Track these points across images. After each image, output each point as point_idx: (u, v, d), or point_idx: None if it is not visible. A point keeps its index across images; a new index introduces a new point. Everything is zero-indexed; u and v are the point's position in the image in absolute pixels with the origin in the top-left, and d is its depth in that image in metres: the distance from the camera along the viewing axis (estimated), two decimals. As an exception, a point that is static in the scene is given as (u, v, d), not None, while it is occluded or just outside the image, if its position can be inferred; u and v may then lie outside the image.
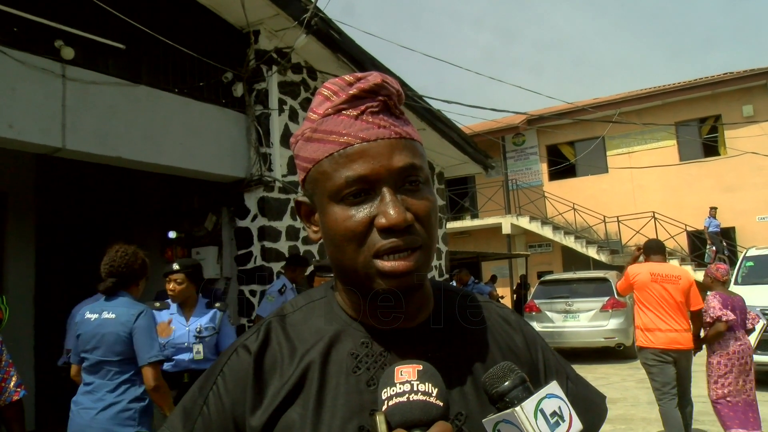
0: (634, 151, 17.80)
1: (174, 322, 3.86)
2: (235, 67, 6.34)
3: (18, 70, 4.44)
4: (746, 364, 4.80)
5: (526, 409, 0.68)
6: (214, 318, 3.91)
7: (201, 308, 3.93)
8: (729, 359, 4.80)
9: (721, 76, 16.67)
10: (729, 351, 4.80)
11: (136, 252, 3.27)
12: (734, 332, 4.83)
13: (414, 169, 0.78)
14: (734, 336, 4.83)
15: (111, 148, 5.08)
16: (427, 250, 0.79)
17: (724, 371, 4.80)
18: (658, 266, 5.06)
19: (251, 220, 6.37)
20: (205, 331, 3.83)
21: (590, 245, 16.53)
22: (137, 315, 3.07)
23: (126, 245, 3.30)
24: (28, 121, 4.49)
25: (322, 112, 0.80)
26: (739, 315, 4.91)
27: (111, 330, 3.05)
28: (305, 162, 0.82)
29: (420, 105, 8.09)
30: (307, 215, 0.87)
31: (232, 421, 0.81)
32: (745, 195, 16.02)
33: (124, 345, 3.04)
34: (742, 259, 9.21)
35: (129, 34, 5.22)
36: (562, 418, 0.70)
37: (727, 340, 4.82)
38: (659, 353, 4.86)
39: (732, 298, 5.02)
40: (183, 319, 3.88)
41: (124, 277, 3.20)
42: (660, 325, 4.87)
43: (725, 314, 4.74)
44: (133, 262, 3.22)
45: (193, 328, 3.83)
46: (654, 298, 4.92)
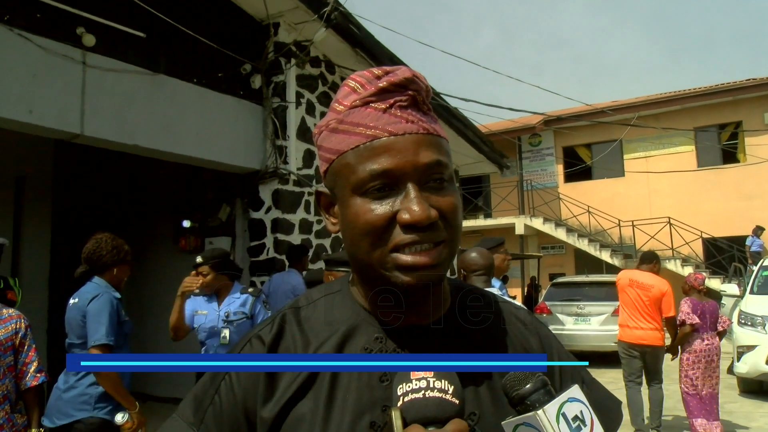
0: (651, 156, 17.62)
1: (207, 308, 3.95)
2: (253, 58, 6.35)
3: (39, 56, 4.47)
4: (713, 361, 5.52)
5: (548, 413, 0.67)
6: (245, 303, 3.95)
7: (234, 294, 3.98)
8: (696, 356, 5.53)
9: (743, 83, 16.44)
10: (696, 349, 5.54)
11: (108, 239, 3.31)
12: (700, 333, 5.55)
13: (440, 166, 0.77)
14: (700, 337, 5.55)
15: (128, 135, 5.12)
16: (450, 245, 0.78)
17: (693, 366, 5.54)
18: (638, 274, 5.98)
19: (265, 212, 6.39)
20: (233, 315, 3.88)
21: (604, 249, 16.41)
22: (91, 299, 3.12)
23: (103, 233, 3.37)
24: (48, 107, 4.53)
25: (349, 104, 0.79)
26: (709, 318, 5.60)
27: (74, 314, 3.15)
28: (329, 153, 0.81)
29: (437, 102, 8.06)
30: (327, 207, 0.86)
31: (243, 412, 0.81)
32: (764, 203, 15.80)
33: (81, 329, 3.11)
34: (759, 269, 9.09)
35: (149, 22, 5.24)
36: (584, 422, 0.69)
37: (693, 340, 5.56)
38: (627, 347, 5.84)
39: (703, 303, 5.70)
40: (216, 304, 3.96)
41: (93, 263, 3.28)
42: (629, 323, 5.84)
43: (690, 318, 5.51)
44: (102, 248, 3.28)
45: (223, 313, 3.89)
46: (630, 300, 5.87)
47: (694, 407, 5.51)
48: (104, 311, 3.08)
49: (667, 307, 5.73)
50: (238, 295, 3.97)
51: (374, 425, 0.76)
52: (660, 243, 15.69)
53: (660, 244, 15.67)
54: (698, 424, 5.45)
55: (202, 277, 3.89)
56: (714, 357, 5.53)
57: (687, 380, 5.58)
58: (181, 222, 7.23)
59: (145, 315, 6.82)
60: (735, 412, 6.96)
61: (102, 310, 3.08)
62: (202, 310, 3.95)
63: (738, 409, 7.09)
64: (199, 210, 7.10)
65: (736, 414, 6.85)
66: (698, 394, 5.50)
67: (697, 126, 16.90)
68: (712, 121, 16.97)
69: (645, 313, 5.73)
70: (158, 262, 7.47)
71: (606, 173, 18.26)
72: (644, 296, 5.77)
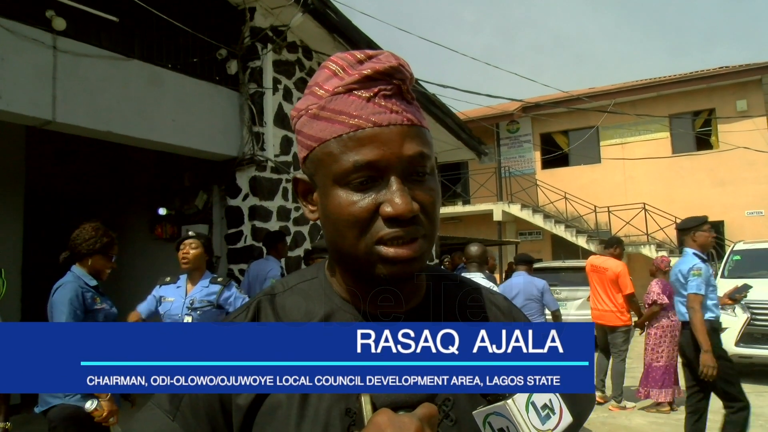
0: (627, 142, 17.83)
1: (174, 294, 3.89)
2: (229, 44, 6.27)
3: (7, 40, 4.36)
4: (675, 336, 6.05)
5: (518, 402, 0.68)
6: (213, 293, 3.89)
7: (204, 282, 3.91)
8: (663, 331, 6.24)
9: (717, 70, 16.68)
10: (663, 325, 6.25)
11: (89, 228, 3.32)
12: (667, 312, 6.19)
13: (423, 158, 0.77)
14: (666, 315, 6.23)
15: (102, 122, 5.02)
16: (429, 240, 0.78)
17: (659, 340, 6.24)
18: (596, 259, 6.79)
19: (242, 199, 6.34)
20: (197, 303, 3.81)
21: (580, 234, 16.62)
22: (56, 289, 3.16)
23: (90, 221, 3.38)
24: (18, 93, 4.42)
25: (331, 89, 0.77)
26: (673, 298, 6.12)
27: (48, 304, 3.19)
28: (310, 140, 0.79)
29: (415, 88, 8.03)
30: (305, 194, 0.85)
31: (218, 399, 0.81)
32: (736, 189, 16.12)
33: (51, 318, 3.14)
34: (730, 253, 9.29)
35: (122, 6, 5.14)
36: (553, 411, 0.70)
37: (660, 318, 6.26)
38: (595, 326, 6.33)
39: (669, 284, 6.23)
40: (183, 291, 3.89)
41: (72, 250, 3.31)
42: (594, 304, 6.66)
43: (661, 299, 6.18)
44: (80, 237, 3.30)
45: (188, 300, 3.83)
46: (592, 283, 6.66)
47: (660, 377, 6.20)
48: (64, 301, 3.09)
49: (624, 286, 6.33)
50: (207, 284, 3.91)
51: (349, 412, 0.76)
52: (635, 228, 15.94)
53: (635, 229, 15.93)
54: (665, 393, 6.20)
55: (191, 248, 3.84)
56: (676, 332, 6.10)
57: (654, 353, 6.25)
58: (157, 209, 7.15)
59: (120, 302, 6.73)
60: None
61: (62, 300, 3.10)
62: (169, 297, 3.89)
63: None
64: (176, 197, 7.03)
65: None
66: (665, 364, 6.20)
67: (672, 113, 17.13)
68: (687, 108, 17.21)
69: (604, 294, 6.42)
70: (134, 249, 7.39)
71: (583, 160, 18.45)
72: (600, 278, 6.46)
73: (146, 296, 3.99)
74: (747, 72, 15.97)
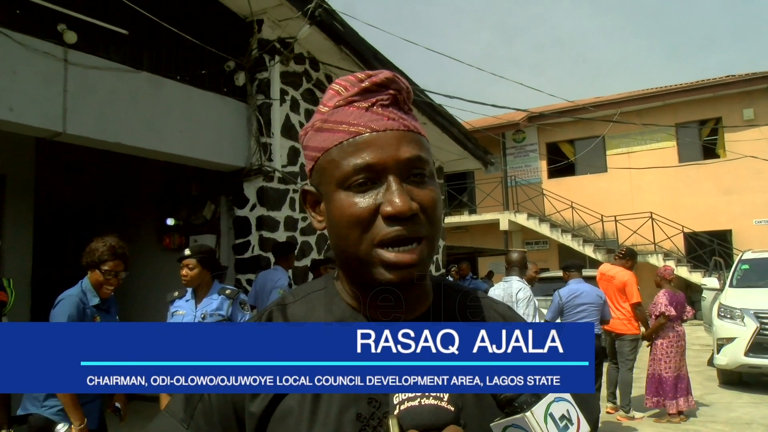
0: (633, 152, 17.80)
1: (185, 307, 3.90)
2: (237, 56, 6.33)
3: (19, 53, 4.42)
4: (682, 346, 6.26)
5: (536, 414, 0.69)
6: (222, 305, 3.89)
7: (212, 295, 3.92)
8: (670, 341, 6.23)
9: (723, 79, 16.65)
10: (670, 336, 6.25)
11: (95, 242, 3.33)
12: (673, 323, 6.26)
13: (420, 161, 0.80)
14: (672, 326, 6.26)
15: (111, 133, 5.08)
16: (430, 242, 0.80)
17: (667, 351, 6.22)
18: (606, 267, 6.74)
19: (250, 210, 6.37)
20: (209, 317, 3.83)
21: (587, 244, 16.56)
22: (57, 302, 3.18)
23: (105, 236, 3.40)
24: (29, 105, 4.48)
25: (333, 105, 0.82)
26: (679, 309, 6.29)
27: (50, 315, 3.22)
28: (314, 151, 0.83)
29: (421, 99, 8.08)
30: (313, 205, 0.88)
31: (232, 407, 0.82)
32: (743, 198, 16.04)
33: None
34: (738, 263, 9.23)
35: (132, 20, 5.20)
36: (571, 421, 0.71)
37: (668, 329, 6.26)
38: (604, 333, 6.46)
39: (677, 295, 6.41)
40: (193, 304, 3.90)
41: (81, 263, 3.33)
42: None
43: (668, 310, 6.19)
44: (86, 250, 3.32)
45: (199, 314, 3.84)
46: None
47: (670, 388, 6.13)
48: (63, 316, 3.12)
49: (630, 295, 6.32)
50: (216, 296, 3.92)
51: (360, 417, 0.77)
52: (642, 238, 15.88)
53: (642, 238, 15.86)
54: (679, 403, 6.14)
55: (188, 270, 3.86)
56: (683, 342, 6.30)
57: (664, 364, 6.20)
58: (165, 220, 7.19)
59: (127, 313, 6.77)
60: (715, 402, 7.08)
61: (61, 314, 3.12)
62: (180, 310, 3.90)
63: (718, 400, 7.21)
64: (184, 207, 7.06)
65: (716, 405, 6.97)
66: (674, 374, 6.15)
67: (678, 122, 17.10)
68: (693, 117, 17.18)
69: (612, 302, 6.32)
70: (142, 260, 7.42)
71: (589, 169, 18.41)
72: (608, 287, 6.42)
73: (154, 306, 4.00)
74: (753, 80, 15.94)
